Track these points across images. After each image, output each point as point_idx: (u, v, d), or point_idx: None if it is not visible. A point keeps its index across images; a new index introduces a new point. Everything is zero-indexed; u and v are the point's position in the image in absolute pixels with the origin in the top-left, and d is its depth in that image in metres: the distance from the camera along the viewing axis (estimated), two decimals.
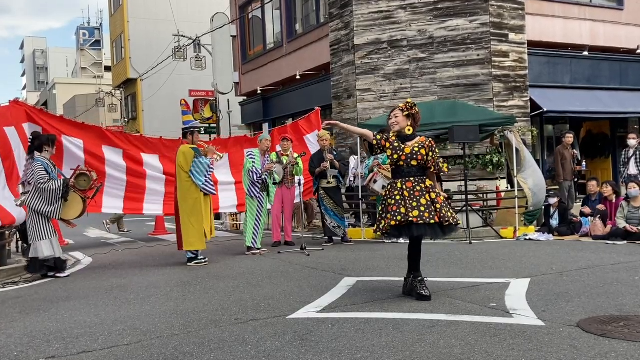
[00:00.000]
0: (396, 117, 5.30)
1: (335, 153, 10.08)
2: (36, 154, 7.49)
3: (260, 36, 22.09)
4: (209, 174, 8.09)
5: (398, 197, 5.16)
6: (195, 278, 6.91)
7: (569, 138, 11.92)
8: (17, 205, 7.82)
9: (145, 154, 10.66)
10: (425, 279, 5.38)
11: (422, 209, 5.08)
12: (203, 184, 8.05)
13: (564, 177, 11.63)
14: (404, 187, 5.18)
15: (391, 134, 5.32)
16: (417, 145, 5.23)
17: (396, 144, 5.24)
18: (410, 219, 5.06)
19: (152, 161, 10.72)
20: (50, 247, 7.43)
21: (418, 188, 5.18)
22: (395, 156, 5.22)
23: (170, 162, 10.86)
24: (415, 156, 5.19)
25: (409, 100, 5.42)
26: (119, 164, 10.31)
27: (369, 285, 5.99)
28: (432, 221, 5.08)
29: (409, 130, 5.27)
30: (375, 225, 5.42)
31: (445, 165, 5.45)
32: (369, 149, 5.50)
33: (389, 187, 5.33)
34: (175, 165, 8.23)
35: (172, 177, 10.78)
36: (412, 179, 5.20)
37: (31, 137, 7.77)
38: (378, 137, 5.32)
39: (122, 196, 10.46)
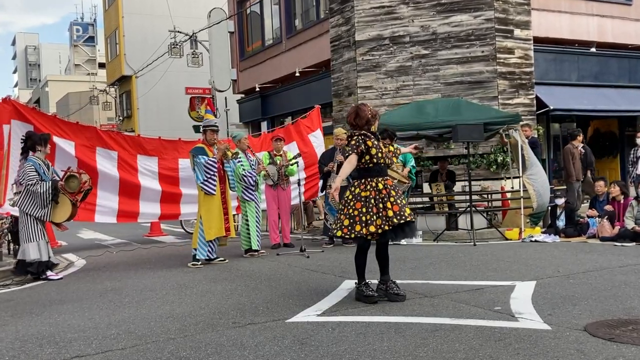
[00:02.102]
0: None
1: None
2: (30, 154, 7.49)
3: (259, 32, 22.10)
4: (211, 173, 8.05)
5: (385, 197, 5.20)
6: (192, 281, 6.91)
7: (580, 137, 11.92)
8: (9, 205, 7.82)
9: (142, 156, 10.55)
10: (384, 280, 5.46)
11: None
12: (200, 182, 8.11)
13: (575, 177, 11.60)
14: (385, 185, 5.27)
15: (366, 133, 5.30)
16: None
17: (376, 142, 5.34)
18: (407, 218, 5.23)
19: (148, 168, 10.61)
20: (37, 250, 7.42)
21: (393, 186, 5.39)
22: (380, 154, 5.33)
23: (169, 167, 10.84)
24: (387, 154, 5.43)
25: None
26: (112, 176, 10.18)
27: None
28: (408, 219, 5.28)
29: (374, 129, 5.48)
30: (364, 229, 5.13)
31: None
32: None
33: (365, 185, 5.23)
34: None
35: (169, 184, 10.78)
36: (387, 177, 5.38)
37: (24, 137, 7.77)
38: (359, 147, 5.20)
39: (116, 203, 10.38)
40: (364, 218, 5.15)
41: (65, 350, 4.23)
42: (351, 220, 5.17)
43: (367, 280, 5.43)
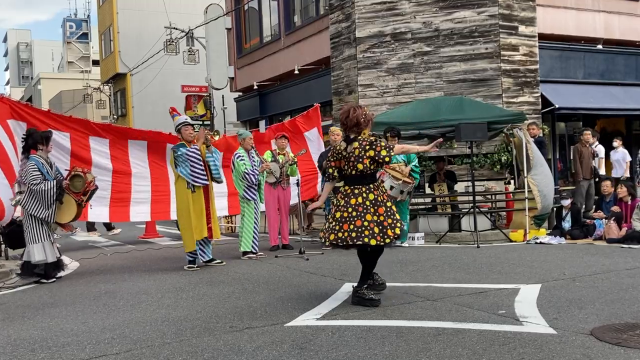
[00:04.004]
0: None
1: None
2: (32, 152, 7.48)
3: (257, 28, 22.10)
4: (196, 164, 7.83)
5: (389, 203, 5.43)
6: (188, 284, 6.91)
7: (587, 135, 11.95)
8: (12, 204, 7.83)
9: (132, 140, 10.59)
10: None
11: None
12: (187, 174, 7.83)
13: (582, 176, 11.63)
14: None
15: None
16: None
17: None
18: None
19: (138, 153, 10.67)
20: (42, 252, 7.40)
21: None
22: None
23: (158, 157, 10.87)
24: None
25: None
26: (105, 166, 10.26)
27: None
28: None
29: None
30: (392, 232, 5.23)
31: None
32: None
33: (377, 189, 5.37)
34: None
35: (159, 177, 10.84)
36: None
37: (25, 134, 7.75)
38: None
39: (108, 199, 10.41)
40: (389, 221, 5.22)
41: (58, 355, 4.23)
42: (381, 227, 5.18)
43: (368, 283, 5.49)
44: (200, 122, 23.63)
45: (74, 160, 9.67)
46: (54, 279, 7.62)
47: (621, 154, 12.58)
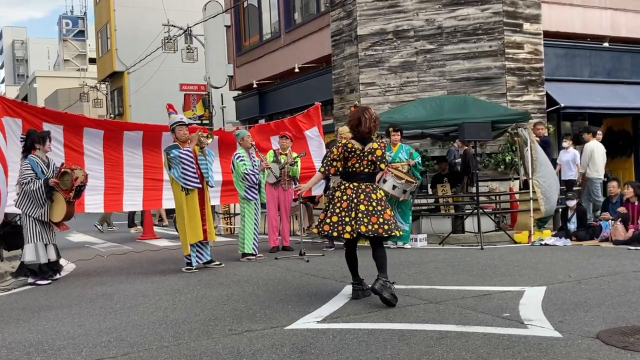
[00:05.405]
0: None
1: None
2: (32, 152, 7.58)
3: (256, 26, 22.10)
4: (188, 166, 7.84)
5: None
6: (186, 286, 6.92)
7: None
8: (15, 206, 7.91)
9: (128, 131, 10.62)
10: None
11: None
12: (178, 176, 7.86)
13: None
14: None
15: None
16: None
17: None
18: None
19: (132, 142, 10.69)
20: (33, 252, 7.47)
21: None
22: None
23: (153, 144, 10.90)
24: None
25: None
26: (97, 154, 10.32)
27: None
28: None
29: None
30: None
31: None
32: None
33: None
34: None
35: (152, 165, 10.89)
36: None
37: (23, 136, 7.84)
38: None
39: (102, 188, 10.44)
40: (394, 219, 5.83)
41: (54, 358, 4.23)
42: (395, 220, 5.75)
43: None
44: (199, 122, 23.59)
45: (67, 150, 9.70)
46: (50, 281, 7.64)
47: (571, 155, 12.11)
